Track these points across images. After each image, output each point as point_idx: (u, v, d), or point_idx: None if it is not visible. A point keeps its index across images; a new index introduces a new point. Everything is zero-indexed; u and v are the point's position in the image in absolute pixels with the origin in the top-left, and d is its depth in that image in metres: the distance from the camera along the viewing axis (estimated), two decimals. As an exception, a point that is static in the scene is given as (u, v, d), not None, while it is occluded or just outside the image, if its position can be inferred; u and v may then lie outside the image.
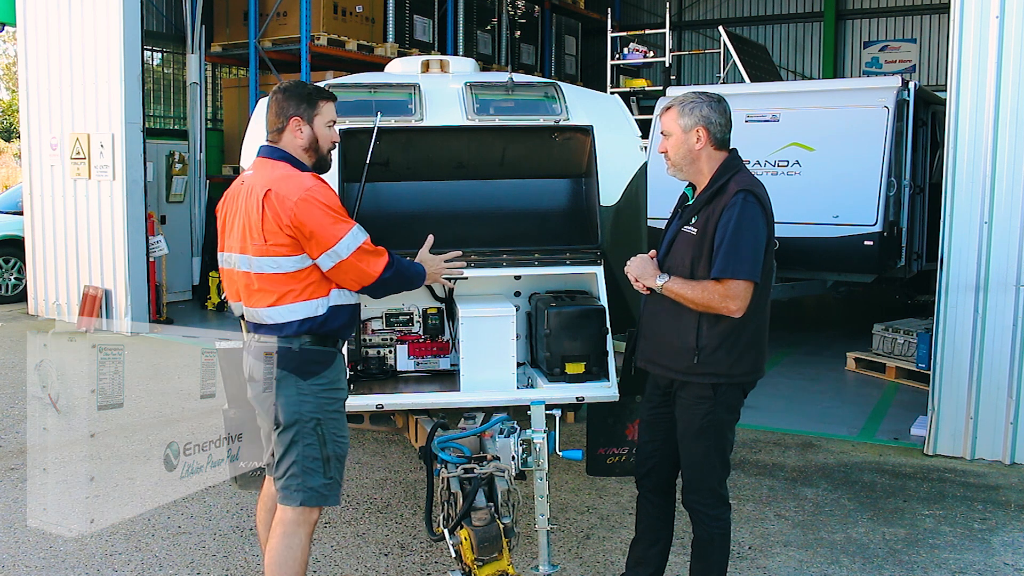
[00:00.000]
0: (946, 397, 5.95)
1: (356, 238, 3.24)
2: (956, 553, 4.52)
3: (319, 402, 3.27)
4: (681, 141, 3.40)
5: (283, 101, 3.35)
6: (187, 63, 12.18)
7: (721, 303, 3.24)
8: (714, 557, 3.51)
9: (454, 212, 4.71)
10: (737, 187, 3.30)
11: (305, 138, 3.36)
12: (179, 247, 11.60)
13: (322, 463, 3.28)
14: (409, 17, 13.18)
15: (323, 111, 3.38)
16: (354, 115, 4.57)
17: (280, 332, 3.28)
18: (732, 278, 3.23)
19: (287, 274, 3.25)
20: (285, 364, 3.26)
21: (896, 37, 17.61)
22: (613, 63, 14.58)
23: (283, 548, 3.27)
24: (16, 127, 26.81)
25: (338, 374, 3.36)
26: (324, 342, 3.31)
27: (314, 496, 3.29)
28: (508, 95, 4.90)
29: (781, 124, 9.04)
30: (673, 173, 3.51)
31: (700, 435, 3.41)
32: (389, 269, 3.32)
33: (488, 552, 3.13)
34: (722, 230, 3.26)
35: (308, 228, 3.18)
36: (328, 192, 3.27)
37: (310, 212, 3.18)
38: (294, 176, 3.28)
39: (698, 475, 3.46)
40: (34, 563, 4.34)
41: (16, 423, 6.63)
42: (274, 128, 3.38)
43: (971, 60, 5.79)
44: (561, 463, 5.48)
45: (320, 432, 3.27)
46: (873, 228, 8.32)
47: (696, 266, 3.33)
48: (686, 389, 3.42)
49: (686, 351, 3.36)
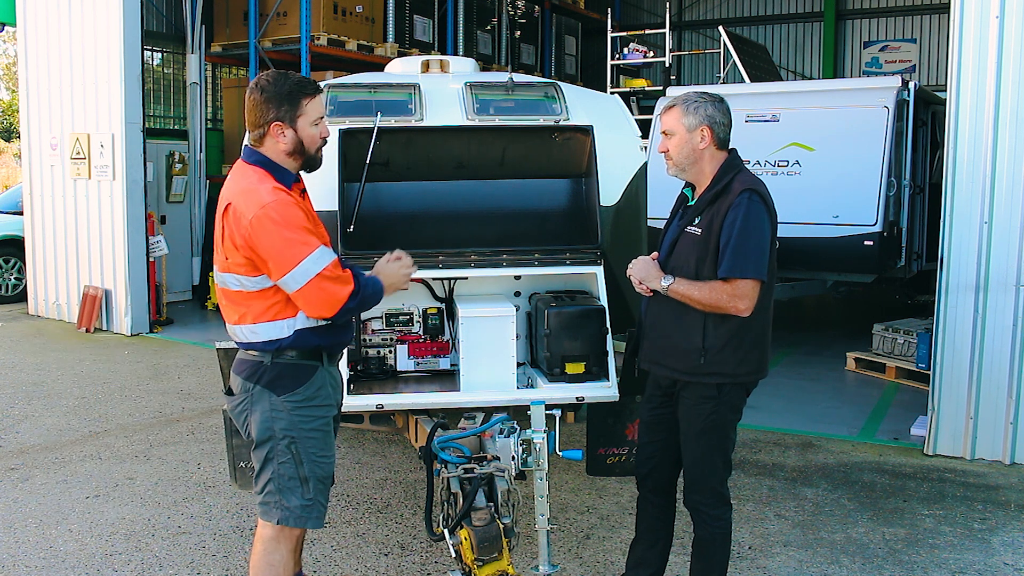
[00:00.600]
0: (946, 397, 5.94)
1: (317, 263, 2.92)
2: (956, 553, 4.52)
3: (293, 419, 3.07)
4: (685, 140, 3.39)
5: (262, 103, 3.03)
6: (187, 63, 12.17)
7: (729, 302, 3.24)
8: (715, 557, 3.51)
9: (454, 212, 4.71)
10: (741, 186, 3.30)
11: (288, 142, 3.06)
12: (179, 247, 11.60)
13: (299, 483, 3.09)
14: (409, 17, 13.18)
15: (307, 110, 3.05)
16: (354, 115, 4.58)
17: (258, 349, 3.09)
18: (740, 277, 3.23)
19: (250, 293, 3.03)
20: (258, 379, 3.08)
21: (896, 37, 17.61)
22: (613, 63, 14.58)
23: (264, 565, 3.16)
24: (16, 127, 26.82)
25: (317, 391, 3.12)
26: (302, 357, 3.09)
27: (292, 516, 3.11)
28: (508, 95, 4.90)
29: (781, 124, 9.03)
30: (674, 173, 3.49)
31: (703, 435, 3.42)
32: (354, 298, 3.01)
33: (488, 552, 3.13)
34: (728, 229, 3.25)
35: (262, 250, 2.92)
36: (287, 209, 2.94)
37: (264, 233, 2.90)
38: (253, 190, 2.97)
39: (700, 475, 3.46)
40: (34, 563, 4.33)
41: (16, 423, 6.63)
42: (254, 132, 3.08)
43: (971, 60, 5.79)
44: (561, 463, 5.48)
45: (295, 450, 3.07)
46: (873, 228, 8.31)
47: (701, 266, 3.33)
48: (690, 389, 3.42)
49: (692, 351, 3.36)
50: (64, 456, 5.91)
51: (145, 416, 6.86)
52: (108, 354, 9.01)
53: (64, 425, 6.59)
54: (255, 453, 3.15)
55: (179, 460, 5.82)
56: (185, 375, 8.16)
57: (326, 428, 3.18)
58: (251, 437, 3.15)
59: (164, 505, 5.05)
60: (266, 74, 3.11)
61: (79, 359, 8.76)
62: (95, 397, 7.36)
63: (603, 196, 4.48)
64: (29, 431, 6.44)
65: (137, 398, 7.36)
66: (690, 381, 3.40)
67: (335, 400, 3.26)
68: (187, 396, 7.43)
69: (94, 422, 6.68)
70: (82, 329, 10.12)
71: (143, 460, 5.82)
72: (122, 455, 5.92)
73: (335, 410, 3.26)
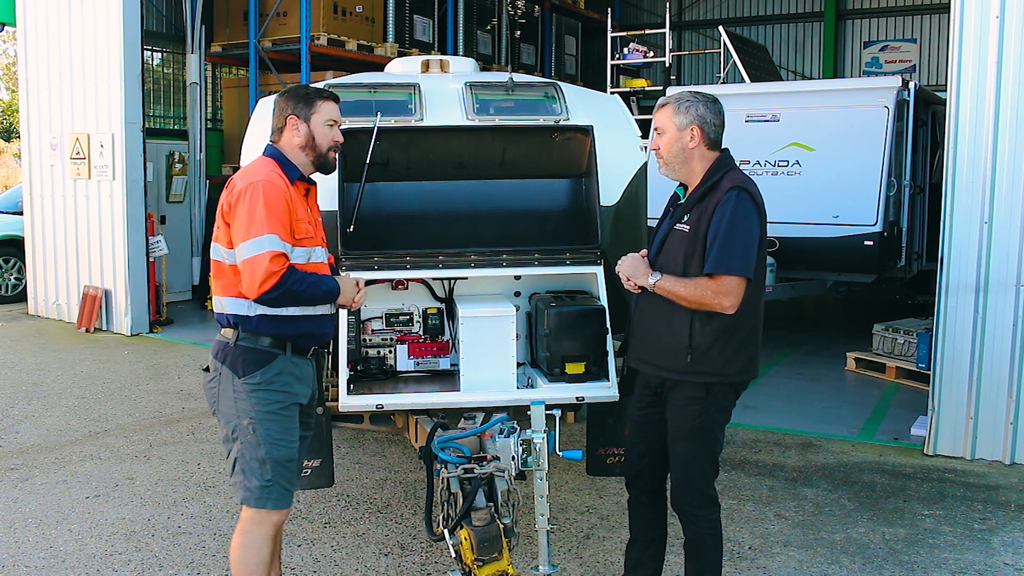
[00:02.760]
0: (946, 397, 5.94)
1: (260, 246, 3.07)
2: (956, 553, 4.52)
3: (251, 401, 3.20)
4: (675, 139, 3.39)
5: (283, 102, 3.36)
6: (187, 63, 12.17)
7: (714, 299, 3.23)
8: (708, 558, 3.49)
9: (454, 212, 4.71)
10: (730, 184, 3.29)
11: (302, 135, 3.33)
12: (179, 247, 11.60)
13: (259, 463, 3.20)
14: (409, 17, 13.18)
15: (321, 109, 3.34)
16: (354, 115, 4.57)
17: (224, 323, 3.26)
18: (725, 274, 3.21)
19: (228, 266, 3.21)
20: (223, 358, 3.24)
21: (896, 37, 17.61)
22: (613, 63, 14.58)
23: (238, 546, 3.27)
24: (16, 127, 26.81)
25: (275, 376, 3.23)
26: (263, 343, 3.22)
27: (252, 497, 3.22)
28: (508, 95, 4.90)
29: (781, 124, 9.04)
30: (665, 172, 3.48)
31: (691, 436, 3.40)
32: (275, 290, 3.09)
33: (488, 552, 3.13)
34: (715, 226, 3.25)
35: (233, 216, 3.16)
36: (272, 192, 3.15)
37: (241, 202, 3.14)
38: (254, 170, 3.25)
39: (687, 476, 3.44)
40: (34, 563, 4.33)
41: (16, 423, 6.63)
42: (276, 129, 3.38)
43: (971, 60, 5.79)
44: (561, 463, 5.48)
45: (253, 431, 3.20)
46: (873, 228, 8.32)
47: (689, 263, 3.32)
48: (678, 389, 3.40)
49: (679, 350, 3.34)
50: (64, 456, 5.91)
51: (145, 416, 6.86)
52: (108, 354, 9.01)
53: (64, 425, 6.59)
54: (223, 432, 3.28)
55: (179, 460, 5.82)
56: (185, 375, 8.16)
57: (284, 412, 3.26)
58: (218, 416, 3.30)
59: (164, 505, 5.06)
60: (292, 84, 3.33)
61: (79, 359, 8.76)
62: (95, 397, 7.36)
63: (603, 196, 4.48)
64: (29, 431, 6.44)
65: (137, 398, 7.36)
66: (679, 380, 3.38)
67: (298, 391, 3.31)
68: (187, 396, 7.42)
69: (94, 422, 6.68)
70: (82, 329, 10.12)
71: (143, 460, 5.82)
72: (122, 455, 5.92)
73: (296, 399, 3.31)
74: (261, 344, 3.23)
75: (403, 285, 4.61)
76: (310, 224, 3.32)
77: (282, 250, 3.12)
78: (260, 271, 3.08)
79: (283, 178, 3.25)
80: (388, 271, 4.30)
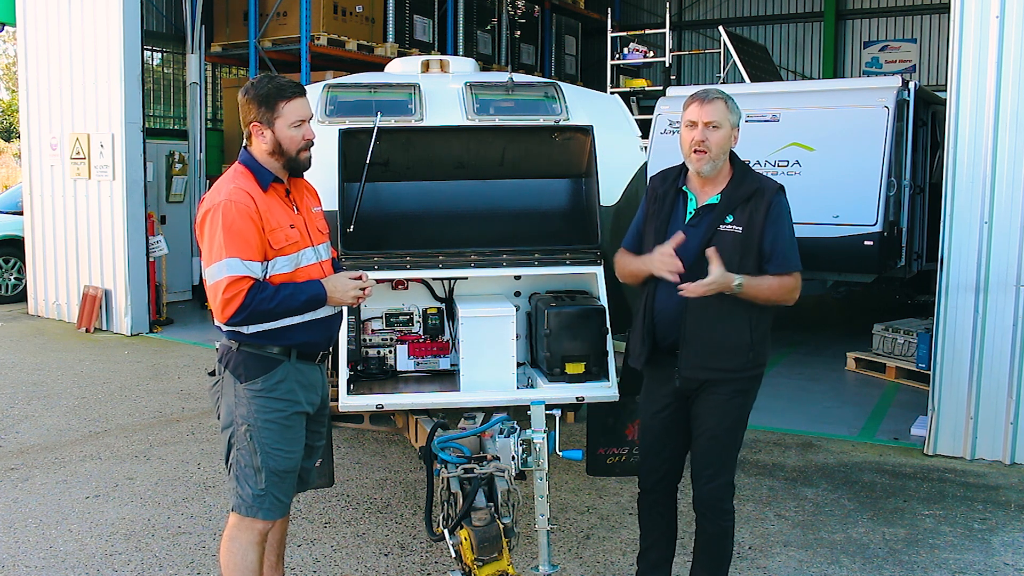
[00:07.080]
0: (946, 397, 5.94)
1: (219, 271, 3.01)
2: (956, 553, 4.52)
3: (251, 407, 3.14)
4: (728, 135, 3.41)
5: (246, 105, 3.18)
6: (187, 63, 12.16)
7: (790, 295, 3.40)
8: (726, 550, 3.55)
9: (454, 212, 4.71)
10: (773, 184, 3.44)
11: (268, 142, 3.16)
12: (179, 247, 11.59)
13: (254, 472, 3.14)
14: (409, 17, 13.18)
15: (284, 112, 3.14)
16: (354, 115, 4.58)
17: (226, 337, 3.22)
18: (797, 270, 3.40)
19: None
20: (226, 363, 3.19)
21: (896, 37, 17.61)
22: (613, 63, 14.57)
23: (225, 551, 3.24)
24: (16, 127, 26.81)
25: (277, 384, 3.16)
26: (267, 348, 3.15)
27: (243, 505, 3.18)
28: (508, 95, 4.90)
29: (781, 124, 9.02)
30: (709, 169, 3.40)
31: (731, 430, 3.47)
32: (239, 314, 3.02)
33: (488, 552, 3.12)
34: (776, 226, 3.37)
35: (200, 239, 3.12)
36: (231, 213, 3.03)
37: (205, 227, 3.08)
38: (220, 187, 3.14)
39: (721, 469, 3.47)
40: (34, 563, 4.33)
41: (16, 423, 6.63)
42: (244, 133, 3.25)
43: (971, 60, 5.79)
44: (561, 463, 5.48)
45: (251, 439, 3.13)
46: (873, 228, 8.30)
47: (745, 262, 3.34)
48: (722, 386, 3.41)
49: (742, 348, 3.39)
50: (64, 456, 5.91)
51: (145, 416, 6.86)
52: (108, 354, 9.01)
53: (64, 425, 6.59)
54: (222, 435, 3.25)
55: (179, 460, 5.82)
56: (185, 375, 8.16)
57: (285, 422, 3.18)
58: (219, 419, 3.26)
59: (164, 505, 5.05)
60: (256, 76, 3.27)
61: (79, 359, 8.76)
62: (95, 397, 7.36)
63: (603, 196, 4.48)
64: (29, 431, 6.44)
65: (137, 398, 7.36)
66: (734, 378, 3.41)
67: (302, 398, 3.23)
68: (187, 396, 7.42)
69: (94, 422, 6.68)
70: (82, 329, 10.12)
71: (143, 460, 5.82)
72: (122, 455, 5.92)
73: (299, 407, 3.23)
74: (263, 351, 3.15)
75: (403, 285, 4.62)
76: (295, 227, 3.18)
77: (242, 273, 3.01)
78: (219, 298, 3.01)
79: (253, 188, 3.12)
80: (388, 271, 4.30)
